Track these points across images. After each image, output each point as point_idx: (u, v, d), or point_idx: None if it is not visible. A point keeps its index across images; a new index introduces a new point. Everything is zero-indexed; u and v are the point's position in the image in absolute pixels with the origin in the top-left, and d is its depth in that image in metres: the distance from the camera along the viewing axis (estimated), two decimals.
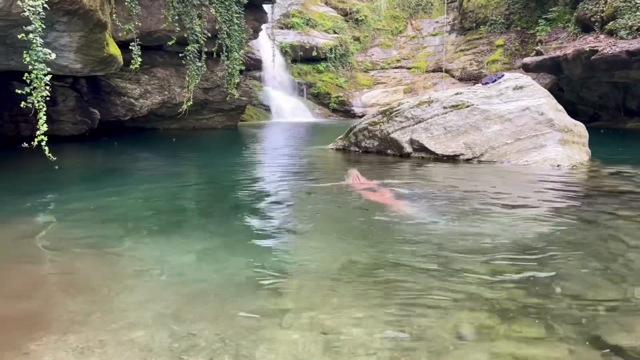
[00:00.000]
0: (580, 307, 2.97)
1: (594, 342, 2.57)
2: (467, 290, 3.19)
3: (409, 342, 2.55)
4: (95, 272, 3.66)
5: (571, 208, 5.57)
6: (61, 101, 12.61)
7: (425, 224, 4.84)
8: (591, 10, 17.62)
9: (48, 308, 3.07)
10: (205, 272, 3.60)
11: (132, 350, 2.47)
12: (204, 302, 3.06)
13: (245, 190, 6.89)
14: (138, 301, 3.07)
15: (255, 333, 2.64)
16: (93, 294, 3.21)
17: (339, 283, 3.30)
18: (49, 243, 4.53)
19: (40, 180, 7.96)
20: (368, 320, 2.79)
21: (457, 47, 27.10)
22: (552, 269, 3.57)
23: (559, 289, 3.23)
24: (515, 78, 9.95)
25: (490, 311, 2.91)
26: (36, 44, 6.90)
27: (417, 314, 2.88)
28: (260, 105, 22.66)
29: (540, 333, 2.65)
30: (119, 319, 2.82)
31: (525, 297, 3.10)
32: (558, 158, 8.33)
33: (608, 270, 3.56)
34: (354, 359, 2.40)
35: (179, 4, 12.42)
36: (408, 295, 3.12)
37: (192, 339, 2.58)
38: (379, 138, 10.08)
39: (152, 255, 3.99)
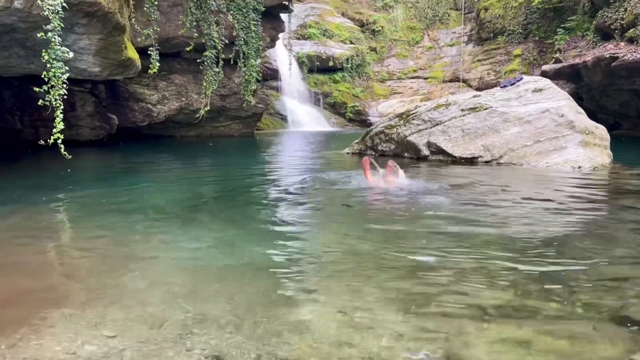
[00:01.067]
0: (607, 290, 2.85)
1: (620, 319, 2.46)
2: (488, 273, 3.10)
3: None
4: (111, 255, 3.65)
5: (594, 203, 5.44)
6: (80, 106, 12.75)
7: (447, 214, 4.74)
8: (611, 18, 17.41)
9: (65, 285, 3.10)
10: (221, 258, 3.55)
11: (144, 324, 2.42)
12: (219, 282, 3.01)
13: (261, 186, 6.89)
14: (152, 282, 3.04)
15: (269, 311, 2.57)
16: (108, 275, 3.19)
17: (353, 270, 3.23)
18: (67, 231, 4.58)
19: (59, 179, 8.06)
20: (380, 302, 2.70)
21: (474, 57, 26.98)
22: (578, 257, 3.47)
23: (583, 274, 3.12)
24: (534, 81, 9.82)
25: (513, 292, 2.81)
26: (55, 43, 6.98)
27: (440, 293, 2.79)
28: (276, 114, 22.73)
29: (565, 313, 2.55)
30: (133, 297, 2.79)
31: (550, 281, 2.99)
32: (579, 159, 8.17)
33: (636, 258, 3.45)
34: (366, 333, 2.32)
35: (197, 10, 12.54)
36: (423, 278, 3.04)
37: (204, 315, 2.52)
38: (395, 141, 9.99)
39: (168, 241, 3.97)
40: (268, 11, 15.84)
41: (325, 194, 6.12)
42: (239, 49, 14.05)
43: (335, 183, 6.77)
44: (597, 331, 2.35)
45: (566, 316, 2.53)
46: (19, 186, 7.17)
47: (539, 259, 3.38)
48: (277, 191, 6.44)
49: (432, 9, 29.53)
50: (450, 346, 2.19)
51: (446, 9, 29.50)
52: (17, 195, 6.22)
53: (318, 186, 6.63)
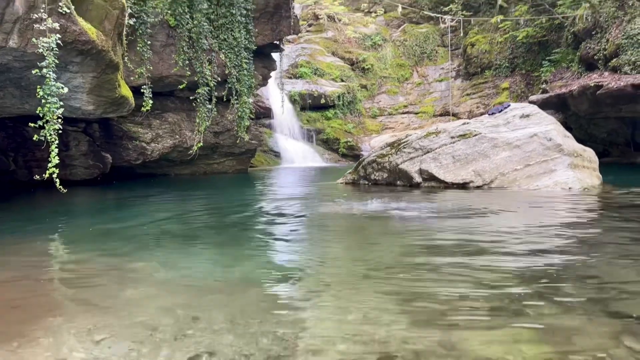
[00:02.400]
0: (599, 289, 2.89)
1: (612, 314, 2.49)
2: (483, 278, 3.14)
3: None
4: (106, 274, 3.67)
5: (587, 217, 5.51)
6: (74, 146, 12.83)
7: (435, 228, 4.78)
8: (594, 49, 17.90)
9: (59, 298, 3.14)
10: (214, 274, 3.59)
11: (138, 328, 2.43)
12: (212, 294, 3.03)
13: (253, 213, 6.96)
14: (147, 295, 3.08)
15: (261, 316, 2.58)
16: (103, 289, 3.19)
17: (337, 282, 3.28)
18: (63, 254, 4.59)
19: (54, 213, 8.09)
20: (365, 307, 2.73)
21: (463, 92, 27.46)
22: (574, 261, 3.51)
23: (579, 275, 3.16)
24: (521, 107, 10.03)
25: (506, 293, 2.84)
26: (49, 79, 7.12)
27: (429, 293, 2.81)
28: (270, 151, 22.89)
29: (561, 310, 2.58)
30: (127, 307, 2.81)
31: (546, 282, 3.02)
32: (569, 181, 8.26)
33: (628, 261, 3.50)
34: (354, 331, 2.33)
35: (190, 49, 12.82)
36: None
37: (198, 320, 2.53)
38: (387, 170, 10.08)
39: (162, 261, 4.02)
40: (260, 50, 16.19)
41: (313, 217, 6.19)
42: (232, 86, 14.29)
43: (322, 207, 6.86)
44: (590, 322, 2.37)
45: (560, 312, 2.55)
46: (15, 219, 7.17)
47: (528, 261, 3.41)
48: (268, 216, 6.53)
49: (419, 46, 30.19)
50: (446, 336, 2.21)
51: (433, 46, 30.18)
52: (12, 227, 6.22)
53: (307, 211, 6.71)
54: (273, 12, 15.99)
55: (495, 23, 25.77)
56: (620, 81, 15.45)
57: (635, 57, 15.82)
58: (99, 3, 8.57)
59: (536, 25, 23.63)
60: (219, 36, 13.88)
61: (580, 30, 19.07)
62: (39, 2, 7.31)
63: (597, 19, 17.98)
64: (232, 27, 14.02)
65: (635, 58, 15.80)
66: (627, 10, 16.99)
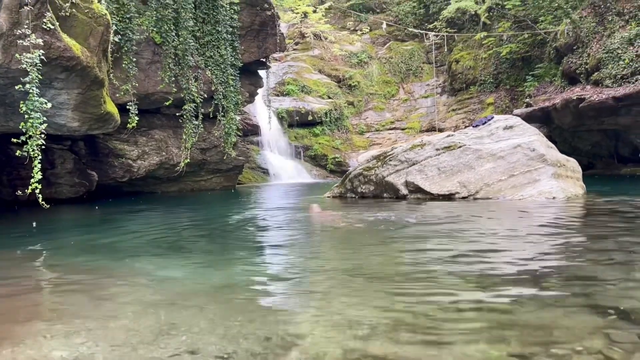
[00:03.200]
0: (584, 286, 2.92)
1: (594, 307, 2.51)
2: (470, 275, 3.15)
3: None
4: (88, 281, 3.63)
5: (571, 223, 5.56)
6: (59, 163, 12.75)
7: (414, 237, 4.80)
8: (575, 64, 18.21)
9: (40, 304, 3.15)
10: (198, 280, 3.59)
11: (118, 331, 2.41)
12: (196, 298, 3.02)
13: (239, 224, 6.95)
14: (132, 299, 3.06)
15: (242, 317, 2.57)
16: (84, 295, 3.17)
17: (317, 286, 3.32)
18: (47, 264, 4.55)
19: (40, 227, 8.03)
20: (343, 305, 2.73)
21: (448, 107, 27.74)
22: (558, 263, 3.55)
23: (562, 275, 3.19)
24: (505, 119, 10.14)
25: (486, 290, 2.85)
26: (33, 94, 7.11)
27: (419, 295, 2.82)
28: (258, 168, 22.89)
29: (541, 305, 2.59)
30: (108, 311, 2.78)
31: (531, 282, 3.05)
32: (553, 191, 8.34)
33: (611, 260, 3.55)
34: (333, 328, 2.33)
35: (176, 66, 12.86)
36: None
37: (180, 322, 2.51)
38: (374, 182, 10.12)
39: (148, 270, 4.03)
40: (246, 68, 16.29)
41: (297, 227, 6.21)
42: (218, 102, 14.34)
43: (307, 218, 6.90)
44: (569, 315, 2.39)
45: (542, 308, 2.57)
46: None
47: (510, 262, 3.43)
48: (253, 227, 6.56)
49: (405, 63, 30.52)
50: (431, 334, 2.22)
51: (419, 63, 30.53)
52: None
53: (292, 222, 6.74)
54: (259, 29, 16.13)
55: (479, 40, 26.18)
56: (602, 94, 15.70)
57: (615, 71, 16.10)
58: (83, 19, 8.60)
59: (519, 41, 24.02)
60: (205, 53, 13.96)
61: (562, 45, 19.41)
62: (23, 19, 7.33)
63: (578, 34, 18.33)
64: (218, 45, 14.12)
65: (616, 71, 16.08)
66: (607, 25, 17.35)
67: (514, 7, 23.03)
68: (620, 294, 2.78)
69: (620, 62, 16.12)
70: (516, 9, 23.02)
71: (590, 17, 18.27)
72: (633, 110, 15.42)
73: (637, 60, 15.61)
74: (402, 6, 31.95)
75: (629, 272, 3.24)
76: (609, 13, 17.39)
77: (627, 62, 15.77)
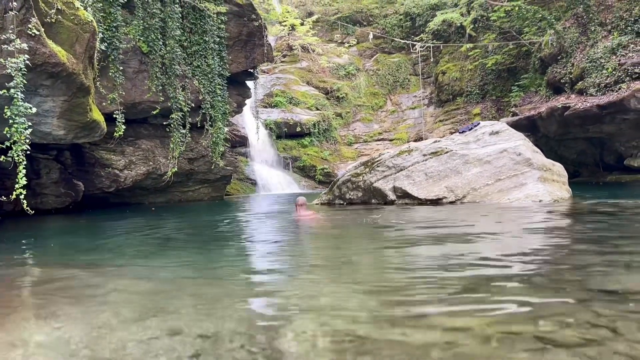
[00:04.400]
0: (573, 273, 2.94)
1: (583, 289, 2.53)
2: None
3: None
4: (74, 274, 3.60)
5: (560, 221, 5.60)
6: (44, 173, 12.62)
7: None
8: (560, 73, 18.45)
9: (24, 295, 3.04)
10: (184, 273, 3.59)
11: (100, 314, 2.37)
12: (180, 289, 2.99)
13: (225, 228, 6.92)
14: (115, 288, 3.05)
15: (226, 302, 2.55)
16: (68, 285, 3.13)
17: (298, 271, 3.35)
18: (28, 262, 4.48)
19: (23, 235, 7.88)
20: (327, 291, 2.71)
21: (436, 118, 27.95)
22: (547, 253, 3.56)
23: (552, 262, 3.20)
24: (490, 124, 10.22)
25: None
26: (17, 99, 7.04)
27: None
28: (246, 179, 22.81)
29: (532, 285, 2.60)
30: (93, 298, 2.77)
31: (520, 267, 3.05)
32: (539, 194, 8.39)
33: (601, 251, 3.58)
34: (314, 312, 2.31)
35: (163, 75, 12.84)
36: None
37: (163, 307, 2.48)
38: (362, 189, 10.13)
39: (134, 264, 4.04)
40: (234, 78, 16.31)
41: (283, 229, 6.22)
42: (206, 112, 14.32)
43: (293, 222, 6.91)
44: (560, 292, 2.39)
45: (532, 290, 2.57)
46: None
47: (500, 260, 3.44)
48: (240, 229, 6.52)
49: (392, 75, 30.76)
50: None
51: (406, 74, 30.77)
52: None
53: (279, 225, 6.75)
54: (246, 39, 16.18)
55: (465, 51, 26.48)
56: (587, 102, 15.91)
57: (599, 80, 16.33)
58: (69, 26, 8.57)
59: (504, 52, 24.33)
60: (192, 63, 13.97)
61: (547, 55, 19.69)
62: (7, 24, 7.29)
63: (562, 45, 18.61)
64: (205, 54, 14.14)
65: (600, 80, 16.31)
66: (590, 35, 17.63)
67: (499, 19, 23.33)
68: (607, 278, 2.80)
69: (604, 71, 16.36)
70: (501, 20, 23.32)
71: (573, 28, 18.57)
72: (617, 118, 15.63)
73: (619, 69, 15.84)
74: (389, 19, 32.26)
75: (615, 261, 3.27)
76: (591, 23, 17.68)
77: (610, 71, 16.01)
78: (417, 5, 30.73)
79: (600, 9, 17.89)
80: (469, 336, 1.92)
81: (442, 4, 29.49)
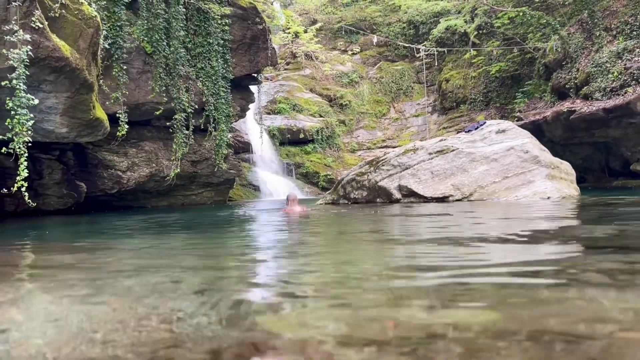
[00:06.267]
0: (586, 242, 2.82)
1: (595, 246, 2.41)
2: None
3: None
4: (75, 253, 3.49)
5: (569, 212, 5.48)
6: (47, 174, 12.54)
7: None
8: (565, 79, 18.36)
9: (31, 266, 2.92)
10: (195, 254, 3.44)
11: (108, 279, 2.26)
12: (180, 263, 2.87)
13: (227, 220, 6.84)
14: (115, 258, 2.90)
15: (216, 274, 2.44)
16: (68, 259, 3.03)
17: (289, 251, 3.27)
18: (30, 246, 4.40)
19: (24, 227, 7.78)
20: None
21: (439, 126, 27.85)
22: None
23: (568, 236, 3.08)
24: (497, 123, 10.13)
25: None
26: (20, 90, 6.99)
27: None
28: (249, 185, 22.72)
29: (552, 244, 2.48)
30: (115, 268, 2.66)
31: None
32: (547, 191, 8.27)
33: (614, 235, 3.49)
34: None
35: (167, 76, 12.80)
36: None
37: (178, 280, 2.38)
38: (367, 188, 10.01)
39: (131, 243, 3.85)
40: (238, 83, 16.28)
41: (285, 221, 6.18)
42: (209, 114, 14.26)
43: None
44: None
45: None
46: None
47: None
48: (244, 221, 6.47)
49: (396, 83, 30.71)
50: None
51: (409, 82, 30.73)
52: None
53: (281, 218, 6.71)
54: (250, 43, 16.15)
55: (468, 59, 26.45)
56: (592, 106, 15.80)
57: (605, 84, 16.24)
58: (73, 21, 8.53)
59: (508, 59, 24.26)
60: (196, 64, 13.94)
61: (551, 61, 19.61)
62: (11, 16, 7.25)
63: (566, 50, 18.53)
64: (209, 56, 14.11)
65: (605, 85, 16.22)
66: (595, 40, 17.56)
67: (503, 26, 23.31)
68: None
69: (609, 76, 16.27)
70: (505, 27, 23.29)
71: (578, 33, 18.51)
72: (623, 122, 15.51)
73: (625, 73, 15.75)
74: (392, 27, 32.29)
75: (626, 237, 3.18)
76: (596, 28, 17.62)
77: (616, 75, 15.91)
78: (421, 13, 30.77)
79: (605, 14, 17.85)
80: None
81: (445, 12, 29.51)
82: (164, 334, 1.33)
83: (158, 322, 1.43)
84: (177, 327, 1.40)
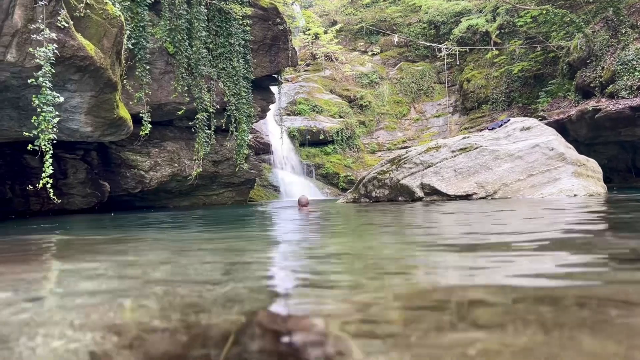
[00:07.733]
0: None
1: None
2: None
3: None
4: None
5: (594, 207, 5.35)
6: (71, 173, 12.71)
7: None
8: (590, 77, 18.05)
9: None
10: (196, 242, 3.45)
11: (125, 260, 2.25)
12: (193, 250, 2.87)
13: (250, 215, 6.85)
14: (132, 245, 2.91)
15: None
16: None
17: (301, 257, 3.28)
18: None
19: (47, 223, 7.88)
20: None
21: (461, 126, 27.58)
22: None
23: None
24: (521, 121, 9.98)
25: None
26: (45, 87, 7.08)
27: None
28: (270, 186, 22.77)
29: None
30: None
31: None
32: (574, 188, 8.12)
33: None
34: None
35: (189, 76, 12.89)
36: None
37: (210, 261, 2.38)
38: (388, 186, 9.93)
39: (154, 236, 3.86)
40: (259, 83, 16.32)
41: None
42: (231, 114, 14.32)
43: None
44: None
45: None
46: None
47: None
48: (261, 216, 6.48)
49: (416, 83, 30.53)
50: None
51: (430, 82, 30.51)
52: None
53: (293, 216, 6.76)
54: (271, 44, 16.19)
55: (490, 58, 26.15)
56: (618, 104, 15.50)
57: (631, 82, 15.93)
58: (97, 20, 8.63)
59: (531, 59, 23.93)
60: (217, 65, 14.00)
61: (575, 59, 19.29)
62: (37, 15, 7.36)
63: (591, 48, 18.21)
64: (230, 57, 14.17)
65: (632, 83, 15.90)
66: (620, 38, 17.23)
67: (525, 24, 23.00)
68: None
69: (636, 74, 15.95)
70: (527, 25, 22.98)
71: (603, 31, 18.18)
72: None
73: None
74: (413, 27, 32.14)
75: None
76: (622, 26, 17.29)
77: None
78: (441, 13, 30.54)
79: (632, 12, 17.52)
80: None
81: (466, 11, 29.27)
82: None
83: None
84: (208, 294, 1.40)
